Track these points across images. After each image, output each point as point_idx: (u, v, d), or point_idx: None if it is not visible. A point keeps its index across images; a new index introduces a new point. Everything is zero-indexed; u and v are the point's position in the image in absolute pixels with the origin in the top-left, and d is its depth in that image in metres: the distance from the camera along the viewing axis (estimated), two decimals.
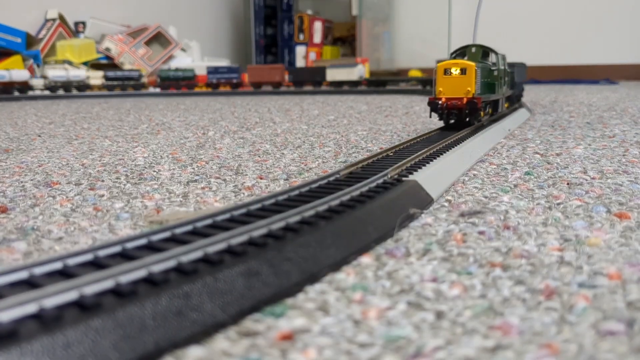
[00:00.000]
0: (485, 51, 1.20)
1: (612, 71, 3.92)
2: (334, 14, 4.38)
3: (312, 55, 4.42)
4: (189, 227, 0.45)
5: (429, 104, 1.12)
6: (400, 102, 2.80)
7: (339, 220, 0.49)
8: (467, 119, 1.10)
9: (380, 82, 4.24)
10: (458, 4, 3.75)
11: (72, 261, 0.38)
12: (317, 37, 4.19)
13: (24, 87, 3.42)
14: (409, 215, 0.57)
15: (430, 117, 1.22)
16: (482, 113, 1.17)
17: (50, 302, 0.31)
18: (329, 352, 0.32)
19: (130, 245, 0.41)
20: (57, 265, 0.37)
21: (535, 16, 4.04)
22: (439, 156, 0.84)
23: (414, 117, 1.93)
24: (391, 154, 0.84)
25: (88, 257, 0.38)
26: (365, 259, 0.47)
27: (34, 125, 1.76)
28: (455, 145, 0.95)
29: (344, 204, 0.55)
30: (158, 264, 0.37)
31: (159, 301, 0.33)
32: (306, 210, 0.50)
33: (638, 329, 0.33)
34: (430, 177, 0.71)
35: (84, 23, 3.60)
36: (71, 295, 0.32)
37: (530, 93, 2.73)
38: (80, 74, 3.44)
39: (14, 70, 3.21)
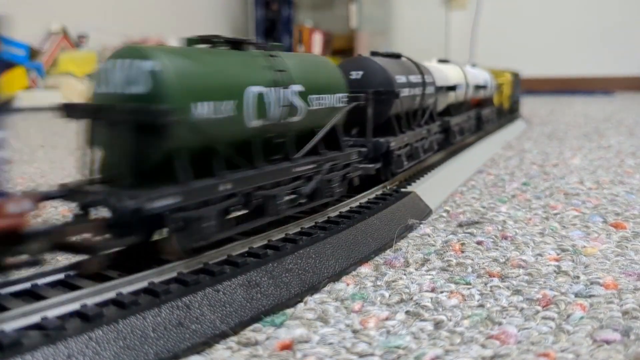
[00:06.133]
0: None
1: (609, 83, 3.95)
2: (333, 26, 4.43)
3: None
4: None
5: None
6: None
7: (340, 232, 0.50)
8: None
9: None
10: (456, 16, 3.80)
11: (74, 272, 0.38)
12: (317, 49, 4.23)
13: None
14: (407, 225, 0.58)
15: None
16: None
17: (53, 313, 0.32)
18: None
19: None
20: (60, 276, 0.37)
21: (532, 28, 4.09)
22: (437, 167, 0.85)
23: None
24: None
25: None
26: (365, 269, 0.47)
27: (36, 137, 1.77)
28: (454, 156, 0.96)
29: (343, 215, 0.55)
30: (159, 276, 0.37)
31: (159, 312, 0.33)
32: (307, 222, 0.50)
33: (634, 338, 0.34)
34: (429, 188, 0.72)
35: (86, 36, 3.64)
36: (73, 306, 0.33)
37: (528, 104, 2.75)
38: None
39: None
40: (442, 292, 0.42)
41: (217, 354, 0.33)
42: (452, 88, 0.97)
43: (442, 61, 1.09)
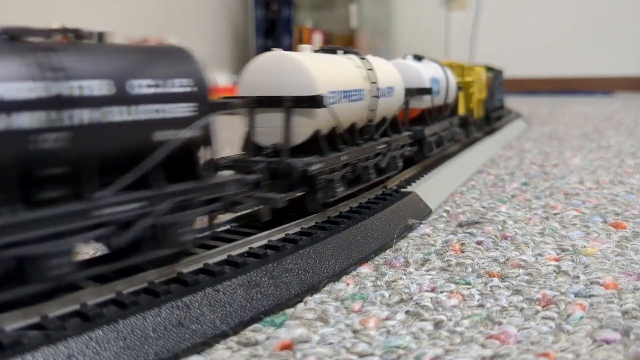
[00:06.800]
0: None
1: (609, 83, 3.96)
2: (333, 26, 4.43)
3: None
4: None
5: None
6: None
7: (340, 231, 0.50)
8: None
9: None
10: (456, 17, 3.80)
11: None
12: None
13: None
14: (407, 225, 0.58)
15: None
16: None
17: (53, 313, 0.32)
18: None
19: None
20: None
21: (532, 28, 4.09)
22: (437, 167, 0.85)
23: None
24: None
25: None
26: (365, 269, 0.47)
27: None
28: (454, 156, 0.96)
29: (343, 215, 0.55)
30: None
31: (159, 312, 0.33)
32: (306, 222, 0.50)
33: (634, 338, 0.34)
34: (429, 188, 0.72)
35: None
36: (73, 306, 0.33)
37: (527, 105, 2.75)
38: None
39: None
40: (442, 292, 0.42)
41: (217, 354, 0.33)
42: (308, 101, 0.50)
43: (331, 50, 0.62)
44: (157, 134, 0.36)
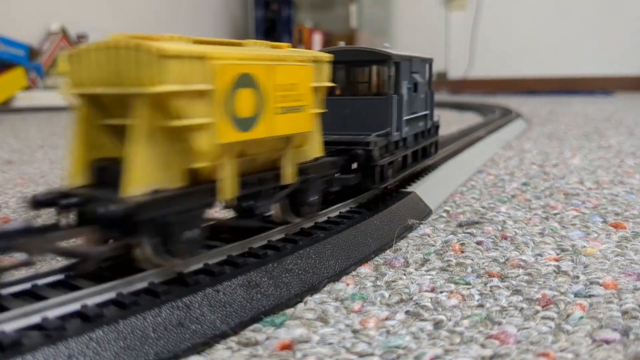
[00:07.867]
0: None
1: (609, 83, 3.96)
2: (333, 26, 4.43)
3: None
4: None
5: None
6: None
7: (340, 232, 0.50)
8: None
9: None
10: (456, 16, 3.80)
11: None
12: (317, 49, 4.24)
13: None
14: (407, 225, 0.58)
15: None
16: None
17: (54, 313, 0.32)
18: None
19: None
20: (60, 277, 0.37)
21: (532, 29, 4.10)
22: (437, 167, 0.85)
23: None
24: None
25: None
26: (365, 269, 0.48)
27: (36, 137, 1.77)
28: (454, 156, 0.96)
29: (343, 215, 0.55)
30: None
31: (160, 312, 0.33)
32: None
33: (633, 338, 0.34)
34: (429, 188, 0.72)
35: (86, 36, 3.64)
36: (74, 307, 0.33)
37: (527, 105, 2.75)
38: None
39: None
40: (441, 292, 0.42)
41: (217, 354, 0.33)
42: None
43: None
44: None
